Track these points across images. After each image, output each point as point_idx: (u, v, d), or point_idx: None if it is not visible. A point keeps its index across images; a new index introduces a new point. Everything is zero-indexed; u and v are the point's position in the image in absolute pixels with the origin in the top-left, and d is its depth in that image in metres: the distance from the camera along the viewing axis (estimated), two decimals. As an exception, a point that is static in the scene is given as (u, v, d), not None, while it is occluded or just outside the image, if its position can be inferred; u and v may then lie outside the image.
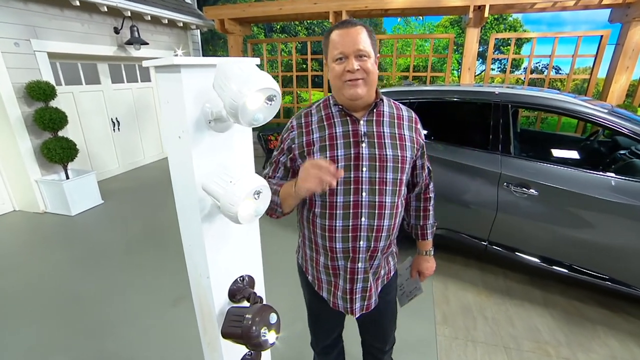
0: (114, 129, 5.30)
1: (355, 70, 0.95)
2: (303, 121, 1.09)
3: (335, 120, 1.05)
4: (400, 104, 1.15)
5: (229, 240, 0.80)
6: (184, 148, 0.66)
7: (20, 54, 3.71)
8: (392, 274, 1.26)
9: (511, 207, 2.22)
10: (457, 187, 2.42)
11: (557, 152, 3.00)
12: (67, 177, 3.93)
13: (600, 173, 2.01)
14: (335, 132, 1.04)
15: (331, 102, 1.08)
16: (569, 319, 2.18)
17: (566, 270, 2.14)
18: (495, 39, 5.44)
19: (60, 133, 3.86)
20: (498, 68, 15.93)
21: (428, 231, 1.32)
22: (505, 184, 2.21)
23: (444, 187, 2.45)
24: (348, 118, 1.05)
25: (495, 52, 14.83)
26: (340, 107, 1.05)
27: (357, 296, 1.14)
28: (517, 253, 2.30)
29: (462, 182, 2.39)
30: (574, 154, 2.99)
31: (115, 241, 3.27)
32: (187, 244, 0.84)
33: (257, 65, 0.59)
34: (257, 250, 0.88)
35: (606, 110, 2.07)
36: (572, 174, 2.06)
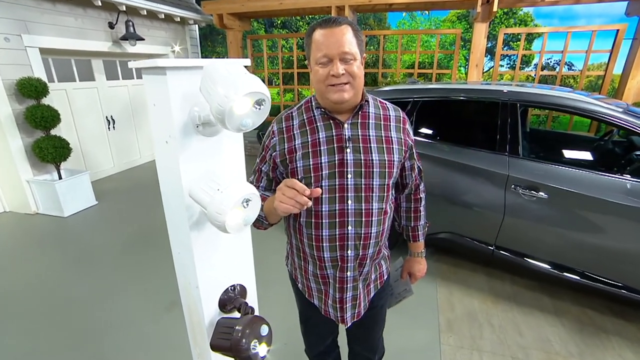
0: (108, 128, 5.32)
1: (340, 74, 0.92)
2: (284, 126, 1.07)
3: (318, 124, 1.03)
4: (388, 103, 1.13)
5: (219, 248, 0.79)
6: (171, 153, 0.65)
7: (11, 49, 3.72)
8: (385, 278, 1.25)
9: (519, 211, 2.20)
10: (462, 189, 2.40)
11: (568, 153, 2.96)
12: (60, 177, 3.94)
13: (615, 175, 1.99)
14: (319, 138, 1.02)
15: (313, 104, 1.06)
16: (581, 328, 2.16)
17: (578, 277, 2.12)
18: (505, 34, 5.40)
19: (53, 131, 3.86)
20: (507, 64, 15.89)
21: (420, 232, 1.31)
22: (513, 186, 2.20)
23: (449, 189, 2.45)
24: (331, 122, 1.03)
25: (505, 48, 14.78)
26: (322, 109, 1.03)
27: (347, 305, 1.13)
28: (526, 259, 2.28)
29: (468, 184, 2.37)
30: (586, 155, 2.96)
31: (109, 243, 3.28)
32: (176, 251, 0.83)
33: (245, 66, 0.58)
34: (249, 258, 0.87)
35: (621, 109, 2.04)
36: (585, 176, 2.04)
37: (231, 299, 0.84)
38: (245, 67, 0.59)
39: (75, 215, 3.94)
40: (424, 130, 2.63)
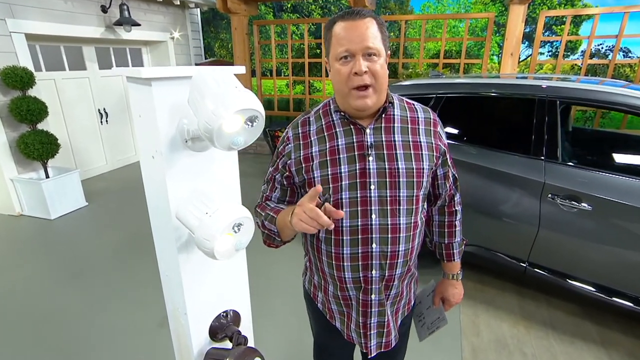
0: (101, 121, 5.42)
1: (363, 72, 0.92)
2: (300, 131, 1.07)
3: (337, 130, 1.03)
4: (417, 104, 1.12)
5: (210, 271, 0.80)
6: (157, 170, 0.66)
7: (-5, 35, 3.81)
8: (412, 303, 1.24)
9: (557, 224, 2.15)
10: (491, 198, 2.36)
11: (619, 157, 2.87)
12: (47, 176, 4.02)
13: None
14: (338, 145, 1.01)
15: (332, 107, 1.06)
16: (632, 362, 2.10)
17: (631, 304, 2.05)
18: (547, 17, 5.28)
19: (40, 126, 3.95)
20: (548, 52, 15.52)
21: (455, 251, 1.28)
22: (550, 195, 2.15)
23: (476, 197, 2.41)
24: (352, 127, 1.02)
25: (546, 33, 14.43)
26: (342, 113, 1.03)
27: (372, 332, 1.12)
28: (566, 280, 2.22)
29: (497, 192, 2.34)
30: None
31: (99, 249, 3.34)
32: (163, 274, 0.84)
33: (235, 75, 0.58)
34: (243, 282, 0.87)
35: None
36: (638, 185, 1.97)
37: (223, 326, 0.85)
38: (236, 75, 0.59)
39: (63, 218, 4.02)
40: (447, 130, 2.59)
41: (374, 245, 1.03)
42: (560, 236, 2.17)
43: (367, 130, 1.01)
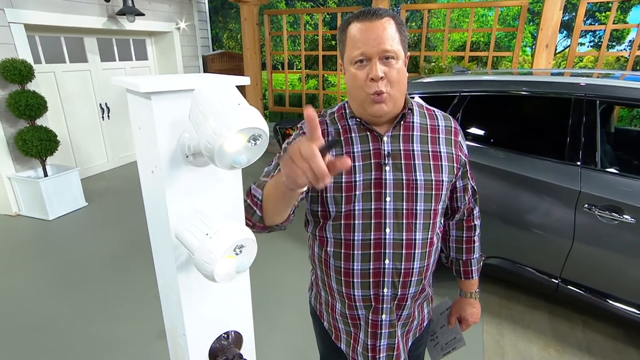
0: (102, 117, 5.53)
1: (379, 77, 0.92)
2: None
3: (354, 135, 1.03)
4: (438, 111, 1.12)
5: (211, 291, 0.80)
6: (157, 185, 0.67)
7: (-7, 26, 3.92)
8: (425, 324, 1.23)
9: (594, 237, 2.11)
10: (520, 206, 2.33)
11: None
12: (46, 174, 4.12)
13: None
14: (353, 152, 1.01)
15: (347, 112, 1.06)
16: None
17: None
18: (589, 3, 5.13)
19: (39, 121, 4.05)
20: (590, 43, 15.09)
21: (473, 267, 1.28)
22: (586, 205, 2.11)
23: (503, 205, 2.39)
24: (368, 133, 1.02)
25: (588, 22, 14.09)
26: (358, 119, 1.03)
27: (381, 355, 1.12)
28: (606, 300, 2.17)
29: (527, 200, 2.30)
30: None
31: (98, 253, 3.40)
32: (162, 291, 0.86)
33: (237, 87, 0.59)
34: (246, 302, 0.88)
35: None
36: None
37: (224, 348, 0.86)
38: (238, 87, 0.60)
39: (61, 219, 4.12)
40: (472, 131, 2.57)
41: (386, 262, 1.03)
42: (598, 251, 2.13)
43: (385, 138, 1.01)
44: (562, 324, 2.51)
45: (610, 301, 2.16)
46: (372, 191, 1.00)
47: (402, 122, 1.03)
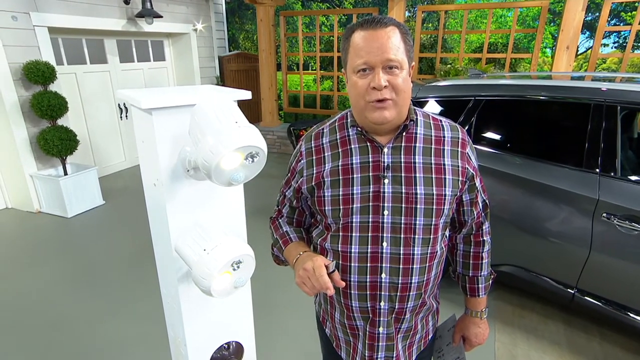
0: (121, 117, 5.62)
1: (382, 87, 0.90)
2: (313, 145, 1.07)
3: (353, 146, 1.02)
4: (445, 121, 1.07)
5: (212, 302, 0.80)
6: (158, 199, 0.67)
7: (18, 29, 4.02)
8: (430, 337, 1.20)
9: (613, 247, 2.05)
10: (535, 214, 2.28)
11: None
12: (65, 173, 4.22)
13: None
14: (352, 163, 1.00)
15: (349, 121, 1.04)
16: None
17: None
18: (613, 3, 4.98)
19: (60, 121, 4.15)
20: (614, 44, 14.66)
21: (481, 285, 1.21)
22: (604, 214, 2.04)
23: (518, 213, 2.35)
24: (368, 144, 1.00)
25: (612, 22, 13.71)
26: (359, 128, 1.01)
27: None
28: (626, 313, 2.10)
29: (543, 208, 2.25)
30: None
31: (114, 252, 3.46)
32: (165, 300, 0.86)
33: (237, 101, 0.58)
34: (247, 313, 0.87)
35: None
36: None
37: (224, 358, 0.85)
38: (238, 102, 0.59)
39: (79, 216, 4.20)
40: (487, 136, 2.52)
41: (383, 275, 1.01)
42: (617, 262, 2.06)
43: (385, 150, 0.99)
44: (578, 335, 2.44)
45: (630, 314, 2.09)
46: (370, 204, 0.98)
47: (404, 133, 1.01)
